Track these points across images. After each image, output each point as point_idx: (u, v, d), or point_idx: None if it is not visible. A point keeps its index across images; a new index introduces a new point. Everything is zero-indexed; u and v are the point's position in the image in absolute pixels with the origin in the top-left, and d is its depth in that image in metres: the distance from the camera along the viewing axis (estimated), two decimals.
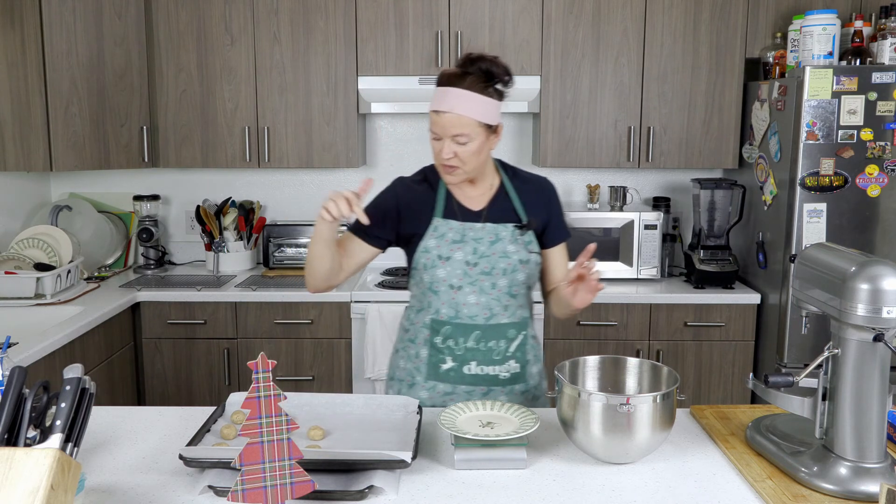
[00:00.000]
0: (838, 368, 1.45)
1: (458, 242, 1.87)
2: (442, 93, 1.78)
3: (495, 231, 1.88)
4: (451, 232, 1.88)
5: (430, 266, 1.87)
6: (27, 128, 3.16)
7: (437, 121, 1.78)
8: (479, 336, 1.88)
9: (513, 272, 1.87)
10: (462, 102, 1.75)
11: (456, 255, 1.86)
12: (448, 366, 1.90)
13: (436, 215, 1.89)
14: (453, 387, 1.90)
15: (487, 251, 1.86)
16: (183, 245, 3.88)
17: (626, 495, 1.43)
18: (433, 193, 1.93)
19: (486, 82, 1.78)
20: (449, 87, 1.77)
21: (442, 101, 1.77)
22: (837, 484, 1.41)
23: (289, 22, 3.38)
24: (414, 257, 1.91)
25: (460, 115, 1.75)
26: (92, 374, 2.74)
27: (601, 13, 3.35)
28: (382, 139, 3.82)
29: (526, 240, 1.89)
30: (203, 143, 3.46)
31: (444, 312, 1.88)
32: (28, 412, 1.24)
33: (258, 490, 1.27)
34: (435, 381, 1.91)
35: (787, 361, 3.02)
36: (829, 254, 1.50)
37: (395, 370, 2.02)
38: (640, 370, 1.71)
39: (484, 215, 1.90)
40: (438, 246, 1.87)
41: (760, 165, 3.24)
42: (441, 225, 1.89)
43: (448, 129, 1.77)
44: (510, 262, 1.87)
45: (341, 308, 3.23)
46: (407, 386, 1.96)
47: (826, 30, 2.95)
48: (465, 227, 1.88)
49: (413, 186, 1.96)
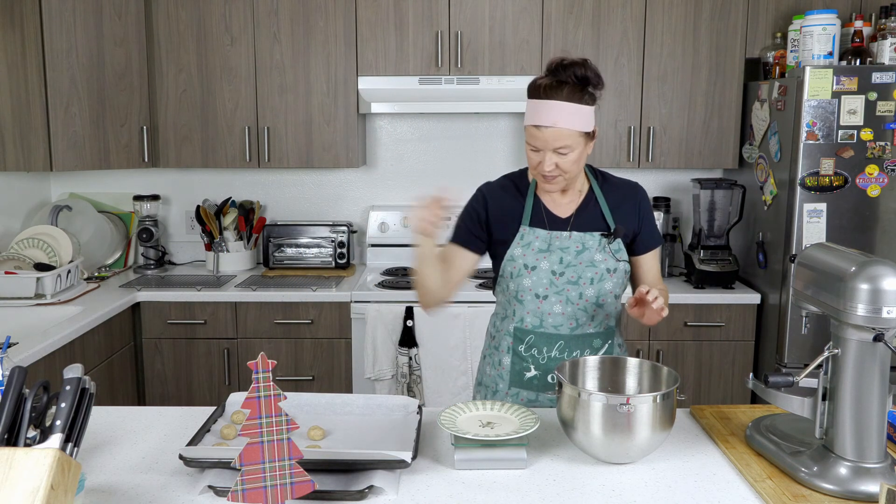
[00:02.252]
0: (838, 368, 1.45)
1: (544, 252, 1.85)
2: (540, 106, 1.73)
3: (582, 240, 1.85)
4: (538, 241, 1.86)
5: (516, 275, 1.86)
6: (27, 128, 3.16)
7: (538, 135, 1.74)
8: (563, 346, 1.86)
9: (600, 281, 1.85)
10: (563, 115, 1.71)
11: (542, 265, 1.84)
12: (532, 374, 1.88)
13: (523, 223, 1.87)
14: (536, 394, 1.89)
15: (574, 261, 1.84)
16: (183, 245, 3.88)
17: (626, 495, 1.43)
18: (521, 200, 1.90)
19: (582, 89, 1.73)
20: (547, 99, 1.72)
21: (541, 114, 1.72)
22: (837, 484, 1.41)
23: (289, 22, 3.38)
24: (500, 265, 1.89)
25: (563, 129, 1.71)
26: (92, 374, 2.74)
27: (601, 13, 3.35)
28: (382, 139, 3.82)
29: (614, 248, 1.86)
30: (203, 143, 3.46)
31: (528, 321, 1.87)
32: (28, 412, 1.24)
33: (258, 490, 1.27)
34: (519, 389, 1.90)
35: (787, 361, 3.02)
36: (829, 254, 1.50)
37: (483, 376, 2.00)
38: (640, 370, 1.71)
39: (571, 223, 1.87)
40: (524, 255, 1.85)
41: (760, 165, 3.24)
42: (528, 233, 1.87)
43: (550, 142, 1.73)
44: (597, 272, 1.84)
45: (341, 308, 3.23)
46: (492, 392, 1.95)
47: (826, 30, 2.95)
48: (552, 235, 1.86)
49: (501, 192, 1.93)
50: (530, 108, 1.76)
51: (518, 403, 1.87)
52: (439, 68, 3.37)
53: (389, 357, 3.16)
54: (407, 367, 3.15)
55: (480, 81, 3.37)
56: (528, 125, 1.76)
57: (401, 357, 3.15)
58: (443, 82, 3.38)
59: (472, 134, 3.81)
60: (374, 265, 3.71)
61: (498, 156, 3.82)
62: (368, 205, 3.84)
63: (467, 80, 3.37)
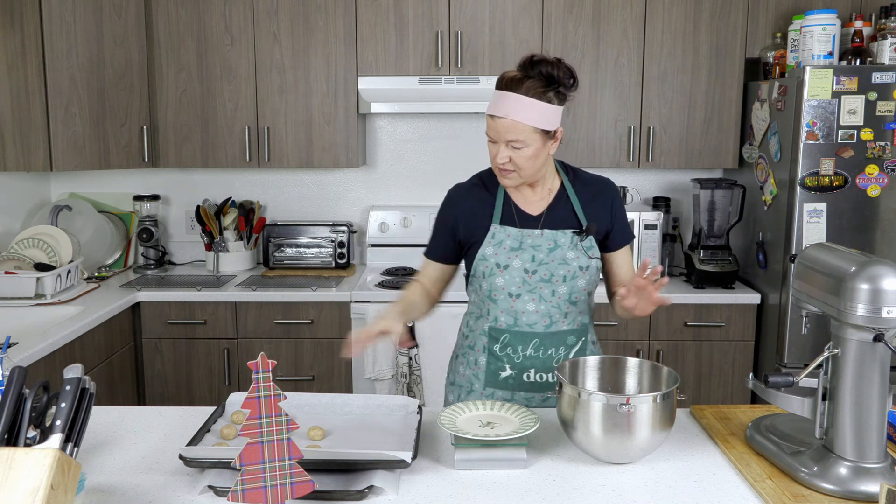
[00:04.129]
0: (838, 368, 1.45)
1: (515, 250, 1.84)
2: (499, 97, 1.74)
3: (554, 238, 1.84)
4: (509, 239, 1.85)
5: (488, 274, 1.85)
6: (27, 128, 3.16)
7: (492, 125, 1.75)
8: (537, 344, 1.86)
9: (573, 279, 1.84)
10: (518, 108, 1.70)
11: (514, 263, 1.83)
12: (507, 373, 1.88)
13: (493, 221, 1.86)
14: (512, 394, 1.89)
15: (546, 258, 1.83)
16: (183, 245, 3.88)
17: (626, 495, 1.43)
18: (491, 198, 1.89)
19: (545, 87, 1.71)
20: (506, 91, 1.72)
21: (498, 105, 1.73)
22: (837, 484, 1.41)
23: (289, 22, 3.38)
24: (472, 265, 1.88)
25: (515, 122, 1.71)
26: (92, 374, 2.74)
27: (601, 13, 3.35)
28: (382, 139, 3.82)
29: (586, 245, 1.85)
30: (203, 142, 3.46)
31: (502, 320, 1.86)
32: (28, 412, 1.24)
33: (258, 490, 1.27)
34: (494, 388, 1.90)
35: (787, 361, 3.02)
36: (829, 254, 1.50)
37: (456, 375, 2.00)
38: (640, 370, 1.71)
39: (542, 220, 1.87)
40: (496, 254, 1.84)
41: (760, 165, 3.25)
42: (498, 232, 1.86)
43: (503, 134, 1.73)
44: (570, 269, 1.84)
45: (341, 308, 3.23)
46: (466, 392, 1.95)
47: (826, 30, 2.95)
48: (524, 233, 1.85)
49: (468, 193, 1.93)
50: (492, 99, 1.76)
51: None
52: (439, 68, 3.37)
53: (389, 357, 3.16)
54: (407, 367, 3.15)
55: (480, 81, 3.37)
56: (486, 115, 1.76)
57: (401, 357, 3.15)
58: (443, 82, 3.38)
59: (472, 134, 3.80)
60: (374, 265, 3.71)
61: None
62: (368, 205, 3.84)
63: (467, 80, 3.37)
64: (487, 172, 1.94)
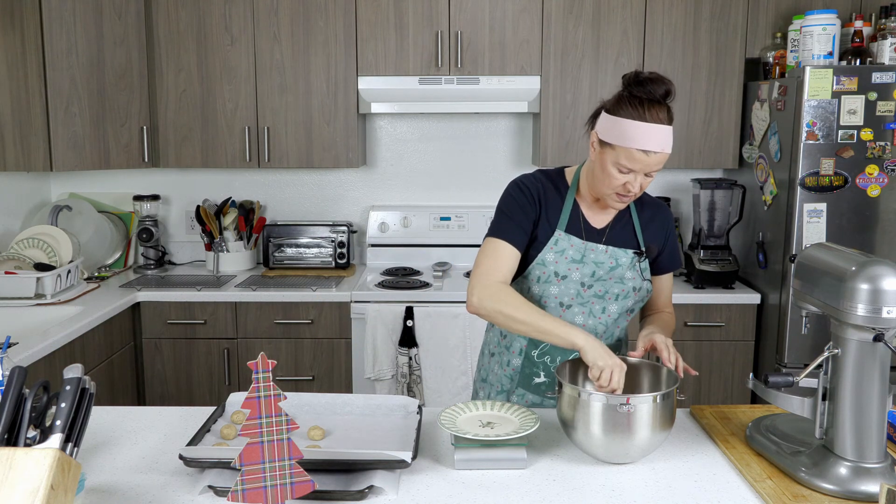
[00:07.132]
0: (838, 368, 1.45)
1: (577, 262, 1.80)
2: (650, 130, 1.61)
3: (615, 256, 1.81)
4: (572, 249, 1.80)
5: (543, 280, 1.80)
6: (27, 128, 3.16)
7: (641, 159, 1.63)
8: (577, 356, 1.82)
9: (625, 298, 1.83)
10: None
11: (573, 276, 1.80)
12: (541, 380, 1.87)
13: (559, 227, 1.81)
14: (542, 399, 1.88)
15: (605, 275, 1.81)
16: (183, 245, 3.88)
17: (626, 495, 1.43)
18: (560, 201, 1.83)
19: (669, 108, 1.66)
20: (654, 123, 1.62)
21: (650, 139, 1.62)
22: (837, 484, 1.41)
23: (289, 22, 3.38)
24: (529, 266, 1.82)
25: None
26: (92, 374, 2.74)
27: (601, 13, 3.35)
28: (382, 139, 3.82)
29: (643, 266, 1.84)
30: (203, 143, 3.46)
31: None
32: (28, 412, 1.24)
33: (258, 490, 1.27)
34: (525, 391, 1.89)
35: (787, 361, 3.02)
36: (829, 254, 1.50)
37: (489, 373, 1.97)
38: (640, 370, 1.71)
39: (606, 235, 1.84)
40: (557, 262, 1.80)
41: (760, 165, 3.25)
42: (562, 239, 1.80)
43: (653, 166, 1.65)
44: (624, 289, 1.82)
45: (341, 308, 3.23)
46: (496, 391, 1.93)
47: (826, 30, 2.95)
48: (587, 246, 1.81)
49: (545, 187, 1.84)
50: (630, 129, 1.62)
51: (520, 404, 1.87)
52: (439, 68, 3.37)
53: (389, 357, 3.16)
54: (407, 367, 3.15)
55: (480, 81, 3.37)
56: (632, 147, 1.63)
57: (401, 357, 3.15)
58: (443, 82, 3.38)
59: (472, 134, 3.81)
60: (374, 265, 3.71)
61: (498, 156, 3.82)
62: (368, 205, 3.84)
63: (467, 80, 3.37)
64: (555, 173, 1.88)
